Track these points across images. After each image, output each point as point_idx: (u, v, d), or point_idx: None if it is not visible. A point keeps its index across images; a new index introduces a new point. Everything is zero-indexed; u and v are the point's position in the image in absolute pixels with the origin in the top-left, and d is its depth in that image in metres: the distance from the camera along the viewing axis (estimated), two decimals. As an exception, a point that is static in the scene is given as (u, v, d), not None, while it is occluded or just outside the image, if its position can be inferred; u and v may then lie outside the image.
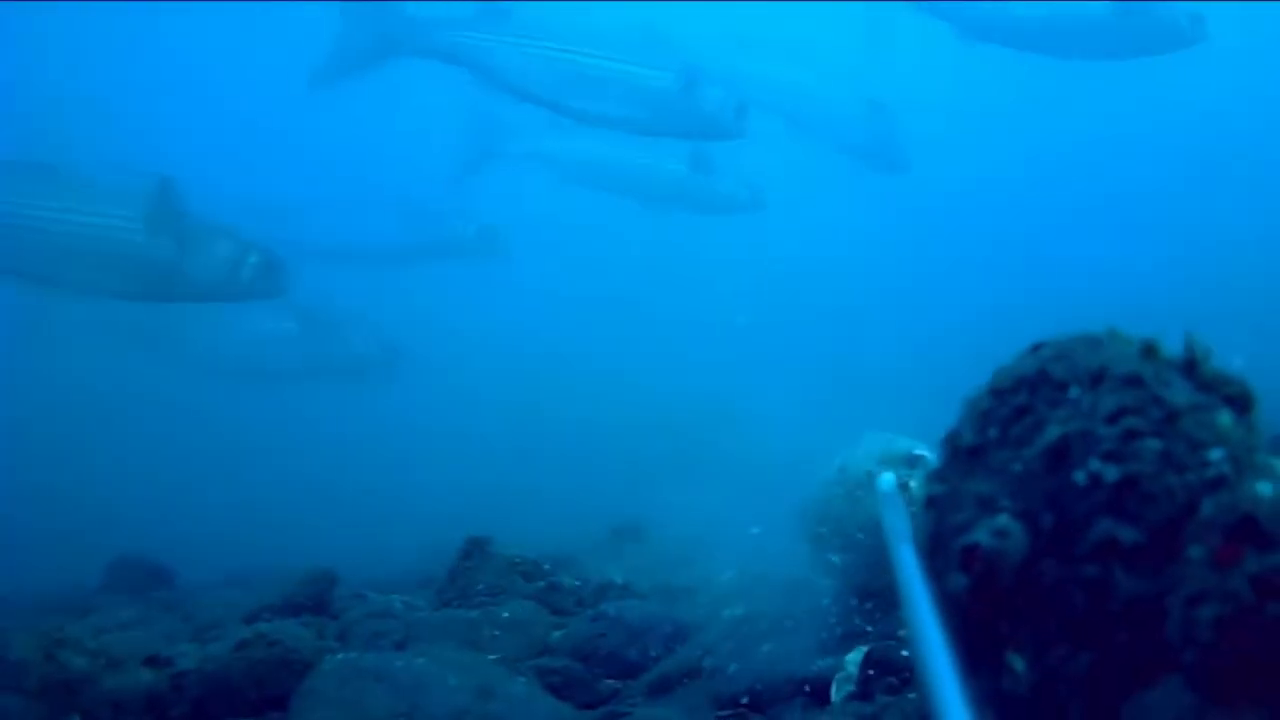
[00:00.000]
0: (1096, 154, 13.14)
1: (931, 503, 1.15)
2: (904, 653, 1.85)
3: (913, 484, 2.17)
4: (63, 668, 1.72)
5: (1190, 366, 1.06)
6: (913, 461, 2.29)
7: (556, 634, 2.51)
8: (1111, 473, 0.96)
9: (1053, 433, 1.03)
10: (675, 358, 6.99)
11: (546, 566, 2.98)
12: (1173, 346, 1.09)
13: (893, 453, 2.33)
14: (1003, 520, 1.02)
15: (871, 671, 1.86)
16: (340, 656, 2.04)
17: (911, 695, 1.75)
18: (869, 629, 2.06)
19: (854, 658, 1.94)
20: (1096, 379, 1.06)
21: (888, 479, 1.35)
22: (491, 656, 2.26)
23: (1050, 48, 6.83)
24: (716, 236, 9.10)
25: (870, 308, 9.61)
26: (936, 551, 1.10)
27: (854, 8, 8.29)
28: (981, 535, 1.00)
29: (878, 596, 2.08)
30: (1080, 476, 0.98)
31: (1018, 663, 0.97)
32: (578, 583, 3.00)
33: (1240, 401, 1.04)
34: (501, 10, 5.40)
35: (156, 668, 1.95)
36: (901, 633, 2.02)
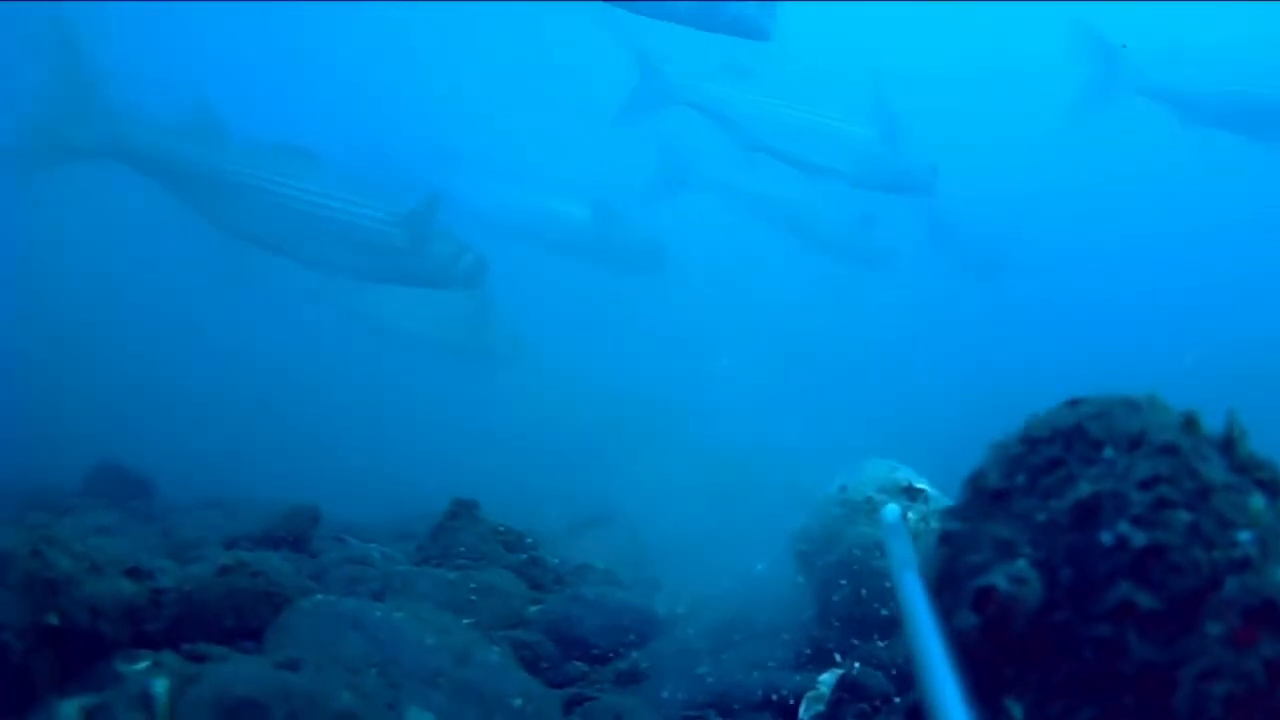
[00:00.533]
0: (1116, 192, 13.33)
1: (947, 539, 1.15)
2: (879, 681, 1.85)
3: (911, 516, 2.17)
4: (49, 566, 1.71)
5: (1228, 445, 1.06)
6: (912, 494, 2.29)
7: (533, 608, 2.51)
8: (1139, 538, 0.96)
9: (1084, 489, 1.03)
10: (708, 377, 7.12)
11: (529, 540, 2.97)
12: (1213, 423, 1.09)
13: (893, 481, 2.34)
14: (1021, 566, 1.02)
15: (844, 695, 1.86)
16: (320, 597, 2.04)
17: (882, 724, 1.76)
18: (847, 652, 2.06)
19: (827, 678, 1.94)
20: (1134, 443, 1.06)
21: (893, 510, 1.36)
22: (467, 621, 2.26)
23: (1264, 133, 7.28)
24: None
25: (895, 342, 9.75)
26: (947, 587, 1.10)
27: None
28: (999, 578, 1.01)
29: (862, 621, 2.09)
30: (1107, 537, 0.98)
31: (1016, 709, 0.97)
32: (558, 561, 3.00)
33: (1273, 487, 1.04)
34: (744, 69, 6.72)
35: (138, 580, 1.94)
36: (875, 661, 2.03)
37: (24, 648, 1.66)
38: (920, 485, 2.33)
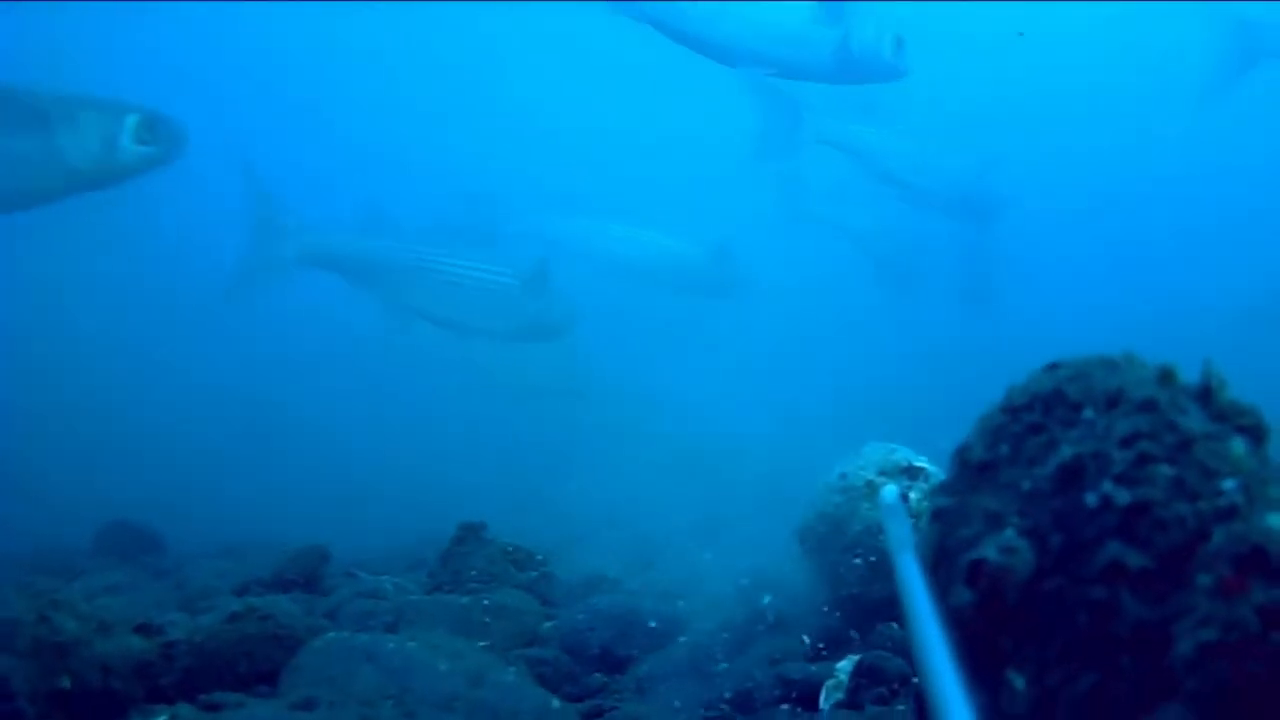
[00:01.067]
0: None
1: (938, 515, 1.15)
2: (896, 663, 1.85)
3: (912, 495, 2.17)
4: (56, 630, 1.71)
5: (1206, 394, 1.06)
6: (913, 473, 2.29)
7: (547, 624, 2.51)
8: (1123, 496, 0.96)
9: (1066, 453, 1.03)
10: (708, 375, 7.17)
11: (539, 556, 2.97)
12: (1190, 374, 1.09)
13: (893, 463, 2.33)
14: (1009, 536, 1.02)
15: (862, 680, 1.85)
16: (331, 635, 2.04)
17: (901, 707, 1.75)
18: (860, 637, 2.05)
19: (845, 665, 1.94)
20: (1112, 402, 1.05)
21: (891, 490, 1.35)
22: (481, 643, 2.26)
23: None
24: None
25: (880, 321, 9.76)
26: (941, 564, 1.10)
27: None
28: (989, 551, 1.00)
29: (872, 605, 2.08)
30: (1091, 498, 0.98)
31: (1018, 680, 0.97)
32: (570, 575, 2.99)
33: (1254, 432, 1.03)
34: (871, 105, 7.09)
35: (147, 635, 1.94)
36: (890, 644, 2.02)
37: (37, 713, 1.66)
38: (920, 464, 2.33)
